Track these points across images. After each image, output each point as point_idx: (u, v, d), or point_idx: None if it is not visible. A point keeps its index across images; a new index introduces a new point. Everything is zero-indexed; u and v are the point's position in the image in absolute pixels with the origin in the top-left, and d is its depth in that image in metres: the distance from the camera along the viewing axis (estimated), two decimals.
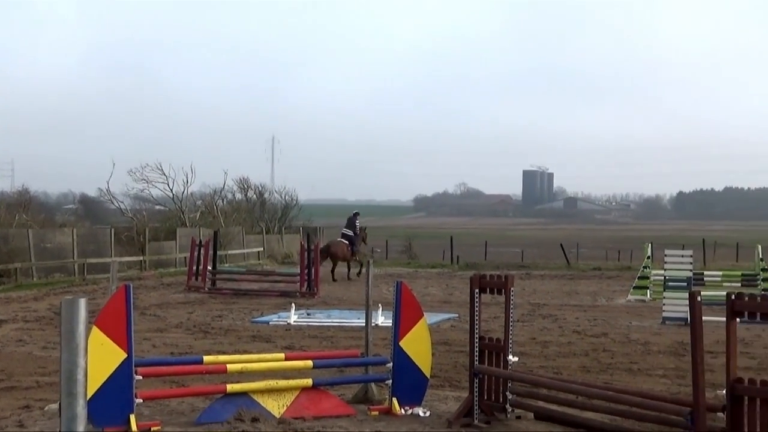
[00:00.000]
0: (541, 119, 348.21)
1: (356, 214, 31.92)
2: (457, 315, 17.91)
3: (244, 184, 52.50)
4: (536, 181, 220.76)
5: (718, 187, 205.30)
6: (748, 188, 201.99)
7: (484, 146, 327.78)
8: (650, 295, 22.68)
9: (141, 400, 7.90)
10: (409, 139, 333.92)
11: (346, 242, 30.49)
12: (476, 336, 8.59)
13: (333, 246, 30.20)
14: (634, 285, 23.75)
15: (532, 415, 8.58)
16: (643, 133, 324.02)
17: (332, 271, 29.99)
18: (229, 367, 8.56)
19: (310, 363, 8.95)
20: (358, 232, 31.09)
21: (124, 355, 7.63)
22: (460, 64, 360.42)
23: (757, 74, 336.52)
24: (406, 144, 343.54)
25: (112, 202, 44.64)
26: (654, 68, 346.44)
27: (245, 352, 12.53)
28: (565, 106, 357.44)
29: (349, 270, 30.47)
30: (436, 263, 41.24)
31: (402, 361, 8.83)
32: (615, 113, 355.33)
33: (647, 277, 23.32)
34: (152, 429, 7.95)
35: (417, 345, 8.91)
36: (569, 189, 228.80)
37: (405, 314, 8.86)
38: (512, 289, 8.49)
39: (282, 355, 9.40)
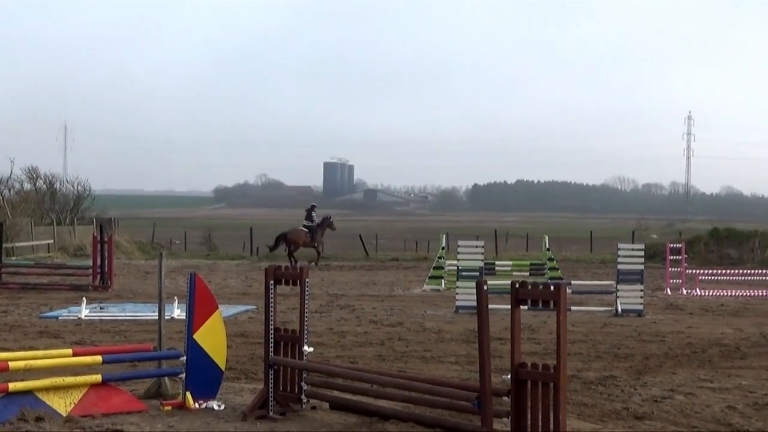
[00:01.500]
0: (340, 111, 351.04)
1: (313, 206, 34.86)
2: (255, 307, 17.81)
3: (32, 174, 50.16)
4: (337, 173, 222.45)
5: (511, 180, 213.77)
6: (538, 181, 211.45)
7: (284, 138, 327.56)
8: (445, 285, 23.35)
9: None
10: (209, 130, 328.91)
11: (305, 230, 33.11)
12: (271, 327, 8.55)
13: (291, 233, 33.25)
14: (429, 275, 24.39)
15: (327, 405, 8.63)
16: (440, 127, 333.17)
17: (290, 255, 32.54)
18: (12, 364, 8.11)
19: (99, 358, 8.65)
20: (319, 222, 33.77)
21: None
22: (259, 55, 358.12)
23: (544, 75, 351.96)
24: (206, 135, 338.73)
25: None
26: (450, 64, 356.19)
27: (31, 349, 11.96)
28: (364, 99, 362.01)
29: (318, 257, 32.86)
30: (236, 255, 40.94)
31: (196, 354, 8.66)
32: (413, 107, 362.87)
33: (442, 267, 24.00)
34: None
35: (212, 338, 8.77)
36: (369, 181, 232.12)
37: (199, 307, 8.69)
38: (307, 280, 8.50)
39: (69, 351, 9.00)
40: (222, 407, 8.59)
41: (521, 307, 6.94)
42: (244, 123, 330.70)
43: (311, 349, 8.68)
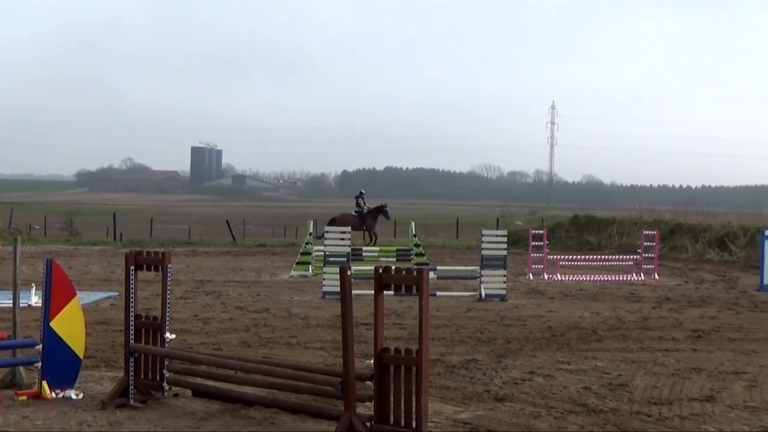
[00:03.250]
0: (208, 96, 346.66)
1: (361, 193, 35.00)
2: (117, 293, 17.38)
3: None
4: (205, 158, 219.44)
5: (380, 167, 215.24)
6: (406, 168, 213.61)
7: (150, 122, 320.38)
8: (312, 271, 23.33)
9: None
10: (71, 113, 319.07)
11: (355, 215, 33.42)
12: (132, 314, 8.36)
13: (339, 217, 33.65)
14: (297, 261, 24.32)
15: (190, 392, 8.51)
16: (310, 113, 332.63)
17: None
18: None
19: None
20: (372, 208, 33.76)
21: None
22: (121, 37, 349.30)
23: (411, 64, 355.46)
24: (67, 117, 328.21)
25: None
26: (319, 51, 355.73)
27: None
28: (232, 84, 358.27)
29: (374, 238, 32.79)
30: (98, 240, 39.88)
31: (52, 342, 8.39)
32: (282, 93, 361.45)
33: (309, 253, 23.98)
34: None
35: (69, 325, 8.51)
36: (238, 166, 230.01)
37: (56, 294, 8.42)
38: (170, 265, 8.34)
39: None
40: (80, 396, 8.36)
41: (385, 292, 6.99)
42: (108, 106, 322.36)
43: (173, 336, 8.53)
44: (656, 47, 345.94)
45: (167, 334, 8.36)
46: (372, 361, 6.94)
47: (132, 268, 8.35)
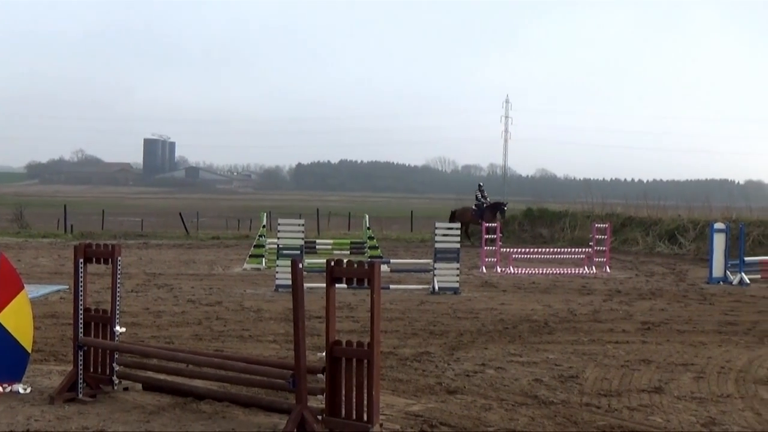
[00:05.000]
0: (161, 88, 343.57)
1: (479, 186, 35.18)
2: (67, 287, 17.15)
3: None
4: (158, 150, 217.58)
5: (335, 160, 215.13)
6: (361, 161, 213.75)
7: (103, 113, 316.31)
8: (265, 264, 23.24)
9: None
10: (19, 102, 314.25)
11: (474, 209, 33.86)
12: (81, 307, 8.26)
13: (459, 210, 34.73)
14: (250, 254, 24.20)
15: (140, 386, 8.44)
16: (264, 105, 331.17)
17: (465, 232, 31.78)
18: None
19: None
20: (491, 203, 34.01)
21: None
22: (69, 27, 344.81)
23: (369, 57, 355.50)
24: (17, 108, 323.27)
25: None
26: (272, 44, 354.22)
27: None
28: (185, 76, 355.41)
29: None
30: (48, 233, 39.39)
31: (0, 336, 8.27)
32: (236, 85, 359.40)
33: (263, 246, 23.87)
34: None
35: (17, 319, 8.38)
36: (191, 159, 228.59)
37: (3, 287, 8.29)
38: (120, 258, 8.25)
39: None
40: (28, 390, 8.25)
41: (339, 285, 6.98)
42: (59, 97, 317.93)
43: (123, 329, 8.46)
44: (612, 40, 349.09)
45: (117, 328, 8.28)
46: (324, 354, 6.93)
47: (81, 260, 8.25)
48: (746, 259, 21.71)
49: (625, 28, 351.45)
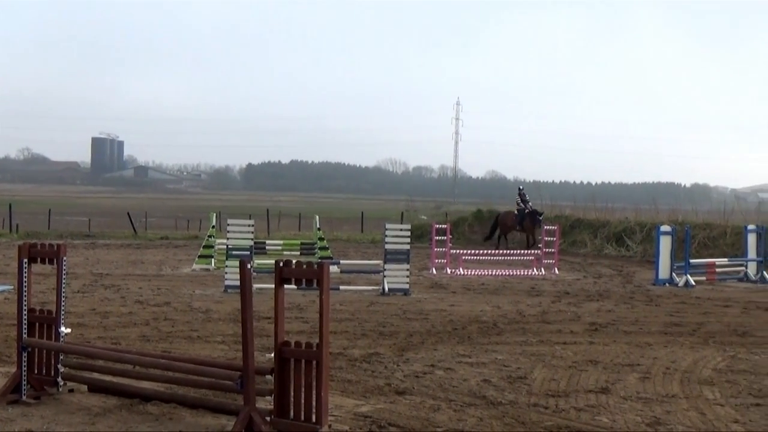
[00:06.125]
0: (109, 85, 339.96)
1: (520, 190, 32.60)
2: (12, 287, 16.88)
3: None
4: (106, 149, 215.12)
5: (285, 160, 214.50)
6: (312, 162, 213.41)
7: (49, 110, 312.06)
8: (214, 264, 23.09)
9: None
10: None
11: (515, 214, 31.52)
12: (25, 308, 8.13)
13: (501, 215, 32.73)
14: (199, 254, 24.04)
15: (86, 387, 8.33)
16: (213, 105, 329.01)
17: (498, 237, 32.09)
18: None
19: None
20: (530, 210, 31.16)
21: None
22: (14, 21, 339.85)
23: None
24: None
25: None
26: (222, 41, 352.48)
27: None
28: (134, 73, 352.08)
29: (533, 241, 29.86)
30: None
31: None
32: (185, 83, 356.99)
33: (212, 246, 23.71)
34: None
35: None
36: (140, 158, 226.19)
37: None
38: (65, 258, 8.13)
39: None
40: None
41: (289, 286, 6.96)
42: (3, 94, 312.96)
43: (69, 330, 8.33)
44: (562, 42, 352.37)
45: (62, 328, 8.16)
46: (273, 354, 6.90)
47: (26, 260, 8.12)
48: (692, 261, 22.04)
49: (575, 30, 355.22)
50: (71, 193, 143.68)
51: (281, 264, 6.87)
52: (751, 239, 23.27)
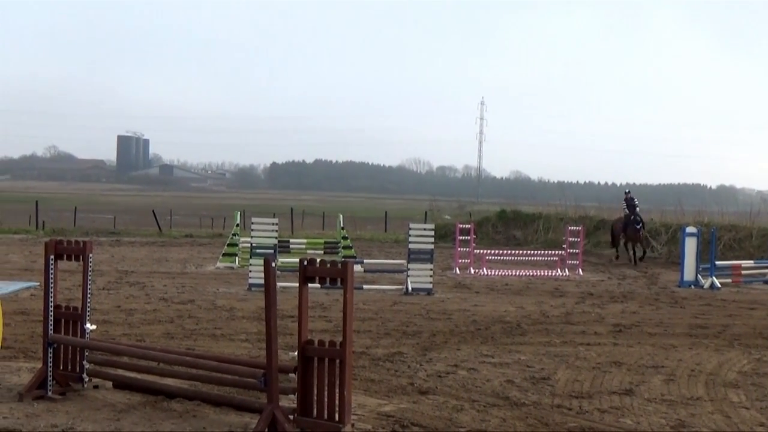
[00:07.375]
0: (136, 84, 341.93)
1: (626, 193, 30.56)
2: (38, 283, 16.91)
3: None
4: (131, 147, 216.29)
5: (309, 159, 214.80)
6: (336, 161, 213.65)
7: (75, 109, 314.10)
8: (238, 262, 23.16)
9: None
10: None
11: (623, 219, 28.84)
12: (51, 304, 8.19)
13: (616, 220, 30.20)
14: (223, 252, 24.11)
15: (111, 383, 8.39)
16: (237, 104, 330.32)
17: (616, 248, 29.43)
18: None
19: None
20: (635, 214, 28.15)
21: None
22: (38, 22, 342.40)
23: (342, 56, 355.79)
24: None
25: None
26: (248, 42, 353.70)
27: None
28: (160, 73, 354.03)
29: (639, 251, 28.39)
30: (19, 229, 39.03)
31: None
32: (211, 83, 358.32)
33: (236, 245, 23.78)
34: None
35: None
36: (165, 156, 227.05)
37: None
38: (91, 255, 8.19)
39: None
40: None
41: (313, 285, 6.97)
42: (31, 93, 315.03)
43: (94, 327, 8.39)
44: (588, 43, 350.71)
45: (88, 325, 8.22)
46: (296, 353, 6.92)
47: (52, 257, 8.19)
48: (717, 263, 21.89)
49: (602, 31, 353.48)
50: (97, 190, 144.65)
51: (305, 263, 6.88)
52: None
